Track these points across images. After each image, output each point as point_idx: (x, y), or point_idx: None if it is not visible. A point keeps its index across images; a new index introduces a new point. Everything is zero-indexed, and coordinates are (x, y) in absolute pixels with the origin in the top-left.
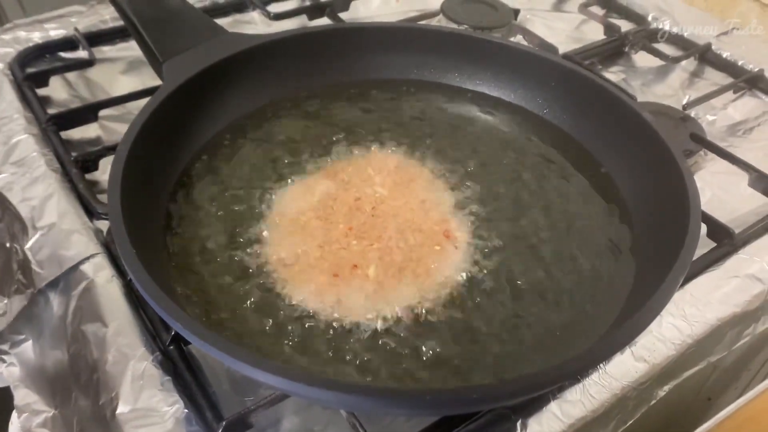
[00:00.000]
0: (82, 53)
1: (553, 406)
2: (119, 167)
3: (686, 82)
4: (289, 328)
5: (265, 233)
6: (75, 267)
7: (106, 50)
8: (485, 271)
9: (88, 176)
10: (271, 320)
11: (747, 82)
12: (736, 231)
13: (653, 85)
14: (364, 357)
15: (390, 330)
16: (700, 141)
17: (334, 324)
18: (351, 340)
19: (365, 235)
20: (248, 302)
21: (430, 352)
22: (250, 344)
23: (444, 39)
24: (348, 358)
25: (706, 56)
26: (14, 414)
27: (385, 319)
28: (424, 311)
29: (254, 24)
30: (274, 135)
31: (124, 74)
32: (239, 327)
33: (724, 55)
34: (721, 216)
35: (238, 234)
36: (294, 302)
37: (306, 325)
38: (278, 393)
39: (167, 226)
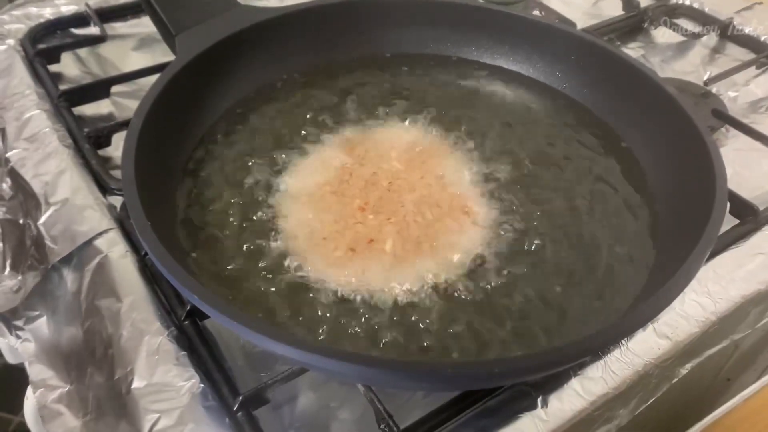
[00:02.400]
0: (93, 29)
1: (574, 383)
2: (133, 140)
3: (707, 58)
4: (306, 302)
5: (280, 208)
6: (88, 242)
7: (117, 26)
8: (503, 246)
9: (100, 152)
10: (286, 294)
11: None
12: (760, 208)
13: (673, 61)
14: (382, 331)
15: (407, 304)
16: (722, 117)
17: (351, 298)
18: (368, 314)
19: (382, 210)
20: (263, 277)
21: (449, 326)
22: (266, 318)
23: (461, 12)
24: (365, 332)
25: (727, 32)
26: (29, 389)
27: (402, 293)
28: (442, 286)
29: None
30: (288, 109)
31: (135, 50)
32: (254, 301)
33: (746, 31)
34: (744, 193)
35: (252, 208)
36: (310, 277)
37: (322, 299)
38: (295, 368)
39: (181, 200)
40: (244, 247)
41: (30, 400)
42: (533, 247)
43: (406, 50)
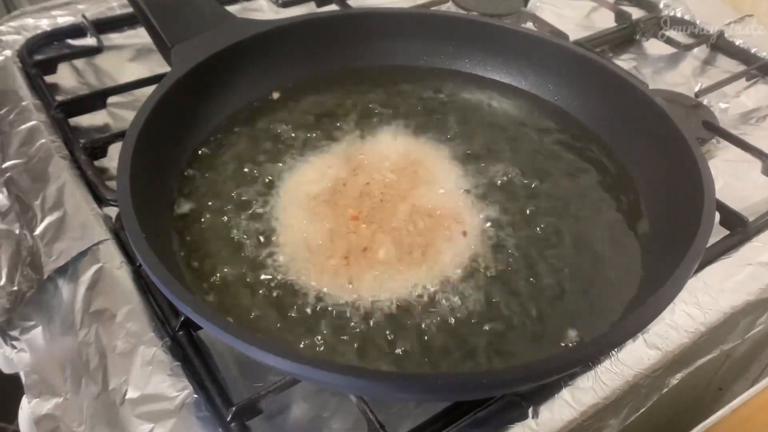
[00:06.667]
0: (90, 40)
1: (565, 393)
2: (128, 152)
3: (698, 69)
4: (299, 311)
5: (274, 217)
6: (84, 253)
7: (113, 37)
8: (494, 256)
9: (96, 163)
10: (281, 304)
11: (760, 69)
12: (750, 219)
13: (664, 72)
14: (375, 339)
15: (400, 312)
16: (713, 129)
17: (344, 307)
18: (361, 322)
19: (375, 220)
20: (258, 286)
21: (441, 334)
22: (260, 328)
23: (454, 25)
24: (359, 340)
25: (718, 44)
26: (24, 399)
27: (395, 301)
28: (434, 293)
29: (262, 11)
30: (283, 121)
31: (131, 61)
32: (249, 311)
33: (737, 43)
34: (734, 204)
35: (247, 220)
36: (304, 286)
37: (316, 308)
38: (288, 378)
39: (176, 211)
40: (238, 257)
41: (25, 409)
42: (524, 258)
43: (400, 63)
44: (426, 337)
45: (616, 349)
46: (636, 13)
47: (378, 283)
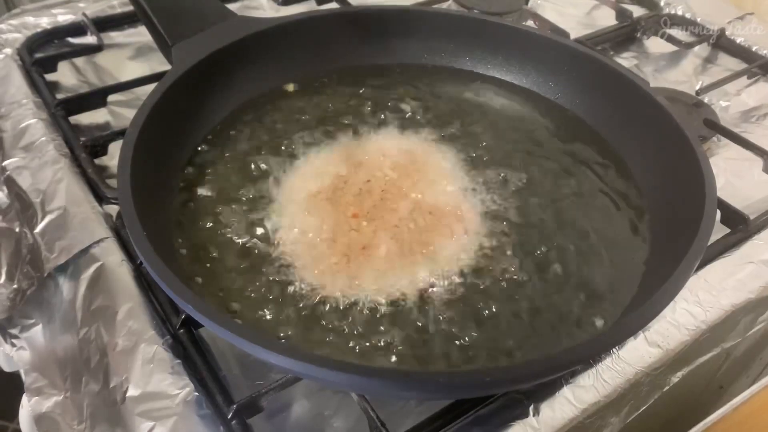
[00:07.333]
0: (90, 39)
1: (566, 391)
2: (129, 150)
3: (699, 67)
4: (301, 309)
5: (275, 216)
6: (85, 251)
7: (114, 36)
8: (495, 254)
9: (97, 161)
10: (282, 302)
11: (761, 67)
12: (751, 217)
13: (666, 71)
14: (375, 337)
15: (401, 311)
16: (714, 127)
17: (345, 305)
18: (362, 320)
19: (376, 217)
20: (259, 285)
21: (441, 332)
22: (261, 326)
23: (455, 23)
24: (359, 338)
25: (719, 42)
26: (25, 398)
27: (395, 299)
28: (434, 292)
29: (262, 9)
30: (283, 118)
31: (132, 60)
32: (250, 309)
33: (738, 41)
34: (735, 202)
35: (248, 217)
36: (305, 284)
37: (317, 306)
38: (289, 376)
39: (177, 209)
40: (239, 255)
41: (25, 408)
42: (524, 255)
43: (400, 61)
44: (426, 335)
45: (617, 347)
46: (637, 11)
47: (379, 280)
